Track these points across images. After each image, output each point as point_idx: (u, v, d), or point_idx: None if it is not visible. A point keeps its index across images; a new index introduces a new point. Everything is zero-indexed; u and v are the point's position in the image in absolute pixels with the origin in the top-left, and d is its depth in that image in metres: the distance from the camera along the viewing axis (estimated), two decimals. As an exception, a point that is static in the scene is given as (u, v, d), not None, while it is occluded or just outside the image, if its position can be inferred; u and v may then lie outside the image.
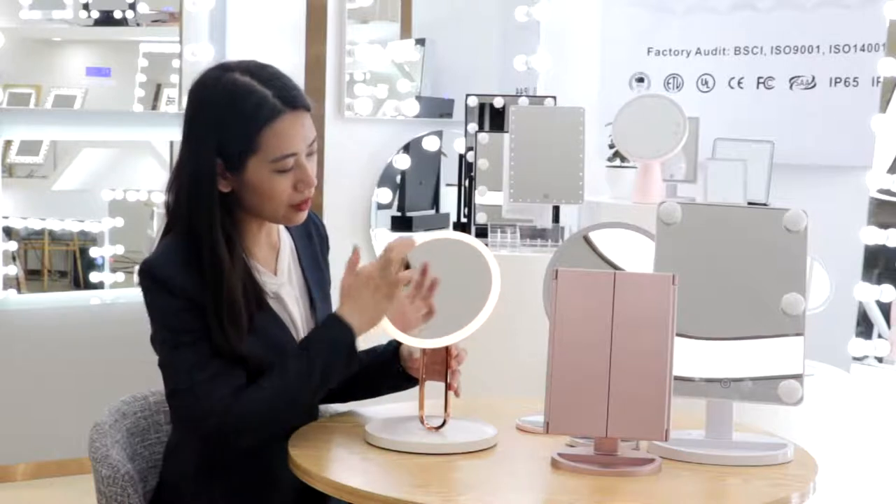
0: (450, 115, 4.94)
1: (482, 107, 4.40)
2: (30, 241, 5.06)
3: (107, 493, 1.99)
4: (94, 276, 4.98)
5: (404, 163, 4.82)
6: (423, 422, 2.01)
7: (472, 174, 4.01)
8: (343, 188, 4.68)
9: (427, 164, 4.92)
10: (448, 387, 2.03)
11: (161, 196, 2.30)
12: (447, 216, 4.87)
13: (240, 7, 4.60)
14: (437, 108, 4.98)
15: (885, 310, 3.84)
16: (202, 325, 1.97)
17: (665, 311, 1.84)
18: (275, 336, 2.05)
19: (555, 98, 4.29)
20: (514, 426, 2.11)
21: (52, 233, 5.10)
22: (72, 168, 5.19)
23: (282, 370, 1.99)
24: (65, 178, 5.17)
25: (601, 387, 1.84)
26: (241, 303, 1.98)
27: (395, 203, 4.86)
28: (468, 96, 4.40)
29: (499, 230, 3.75)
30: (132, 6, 4.94)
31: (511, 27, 4.98)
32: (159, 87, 5.12)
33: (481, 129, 4.29)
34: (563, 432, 1.92)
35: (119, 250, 4.97)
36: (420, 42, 5.08)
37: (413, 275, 2.02)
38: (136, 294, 2.04)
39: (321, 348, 2.00)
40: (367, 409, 2.20)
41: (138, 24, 4.98)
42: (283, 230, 2.17)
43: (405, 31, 5.11)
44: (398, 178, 4.85)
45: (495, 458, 1.95)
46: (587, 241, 2.18)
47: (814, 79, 4.38)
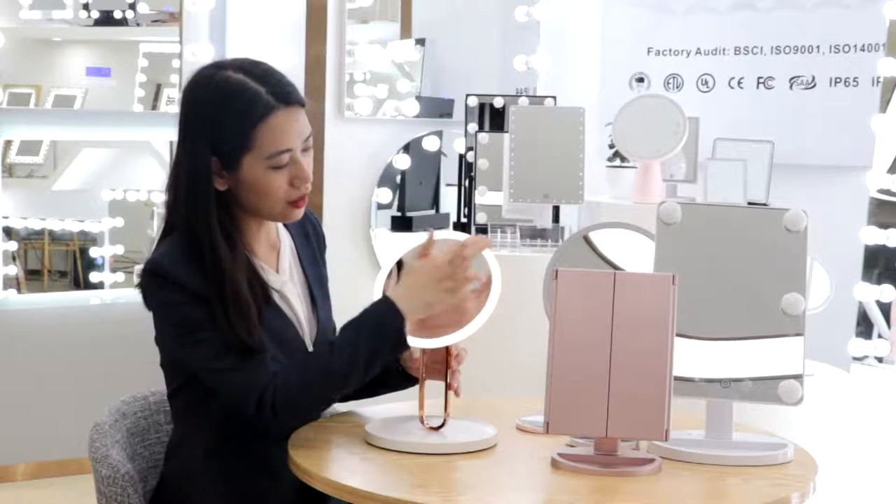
0: (450, 115, 4.94)
1: (482, 107, 4.40)
2: (30, 241, 5.06)
3: (107, 493, 1.99)
4: (94, 276, 4.98)
5: (404, 163, 4.82)
6: (423, 422, 2.01)
7: (472, 174, 4.01)
8: (343, 188, 4.68)
9: (427, 164, 4.91)
10: (448, 387, 2.03)
11: (161, 196, 2.30)
12: (447, 216, 4.87)
13: (240, 7, 4.59)
14: (437, 108, 4.97)
15: (885, 310, 3.84)
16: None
17: (665, 311, 1.84)
18: (281, 332, 2.05)
19: (555, 98, 4.29)
20: (514, 426, 2.11)
21: (52, 233, 5.10)
22: (72, 168, 5.19)
23: (328, 350, 1.98)
24: (65, 178, 5.17)
25: (601, 387, 1.83)
26: (247, 295, 1.97)
27: (395, 203, 4.86)
28: (468, 96, 4.41)
29: (499, 230, 3.75)
30: (132, 6, 4.94)
31: (511, 27, 4.98)
32: (159, 87, 5.12)
33: (481, 129, 4.29)
34: (563, 432, 1.92)
35: (119, 250, 4.97)
36: (420, 42, 5.08)
37: (482, 276, 1.99)
38: (137, 294, 2.03)
39: (370, 331, 1.96)
40: (367, 409, 2.19)
41: (138, 24, 4.98)
42: (282, 229, 2.17)
43: (405, 31, 5.10)
44: (398, 178, 4.85)
45: (495, 458, 1.95)
46: (587, 241, 2.18)
47: (814, 79, 4.38)
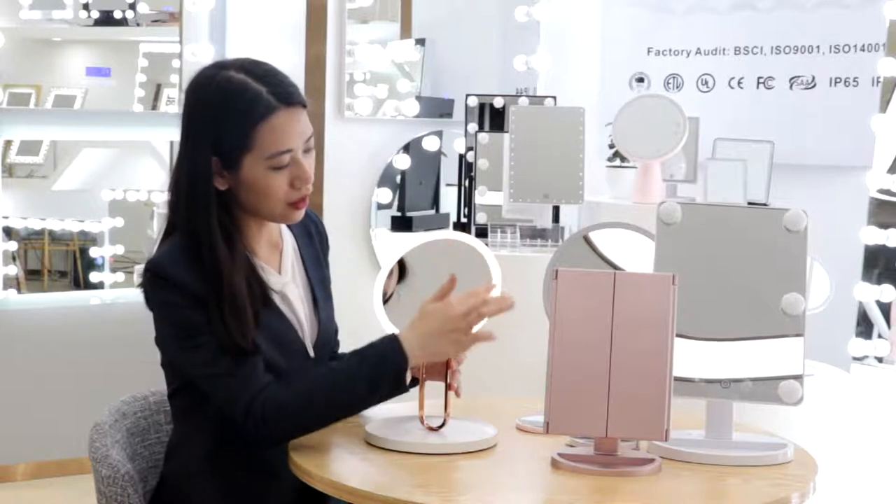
0: (450, 115, 4.94)
1: (482, 107, 4.40)
2: (30, 241, 5.06)
3: (107, 493, 1.99)
4: (94, 276, 4.98)
5: (404, 163, 4.82)
6: (423, 422, 2.01)
7: (472, 174, 4.01)
8: (343, 188, 4.68)
9: (427, 164, 4.91)
10: (448, 387, 2.02)
11: (161, 196, 2.30)
12: (447, 216, 4.87)
13: (240, 7, 4.60)
14: (437, 108, 4.97)
15: (885, 310, 3.84)
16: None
17: (665, 312, 1.84)
18: (281, 334, 2.05)
19: (555, 98, 4.30)
20: (514, 426, 2.11)
21: (52, 233, 5.10)
22: (72, 168, 5.19)
23: (327, 373, 1.99)
24: (65, 178, 5.17)
25: (601, 387, 1.83)
26: (244, 297, 1.97)
27: (395, 203, 4.86)
28: (468, 96, 4.41)
29: (499, 230, 3.75)
30: (132, 6, 4.94)
31: (511, 27, 4.98)
32: (159, 87, 5.12)
33: (481, 129, 4.29)
34: (563, 432, 1.92)
35: (119, 250, 4.97)
36: (420, 42, 5.08)
37: (494, 337, 1.97)
38: (137, 294, 2.03)
39: (371, 368, 1.95)
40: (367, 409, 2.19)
41: (138, 24, 4.98)
42: (285, 230, 2.17)
43: (405, 31, 5.10)
44: (398, 178, 4.85)
45: (495, 458, 1.95)
46: (587, 241, 2.18)
47: (814, 79, 4.38)
